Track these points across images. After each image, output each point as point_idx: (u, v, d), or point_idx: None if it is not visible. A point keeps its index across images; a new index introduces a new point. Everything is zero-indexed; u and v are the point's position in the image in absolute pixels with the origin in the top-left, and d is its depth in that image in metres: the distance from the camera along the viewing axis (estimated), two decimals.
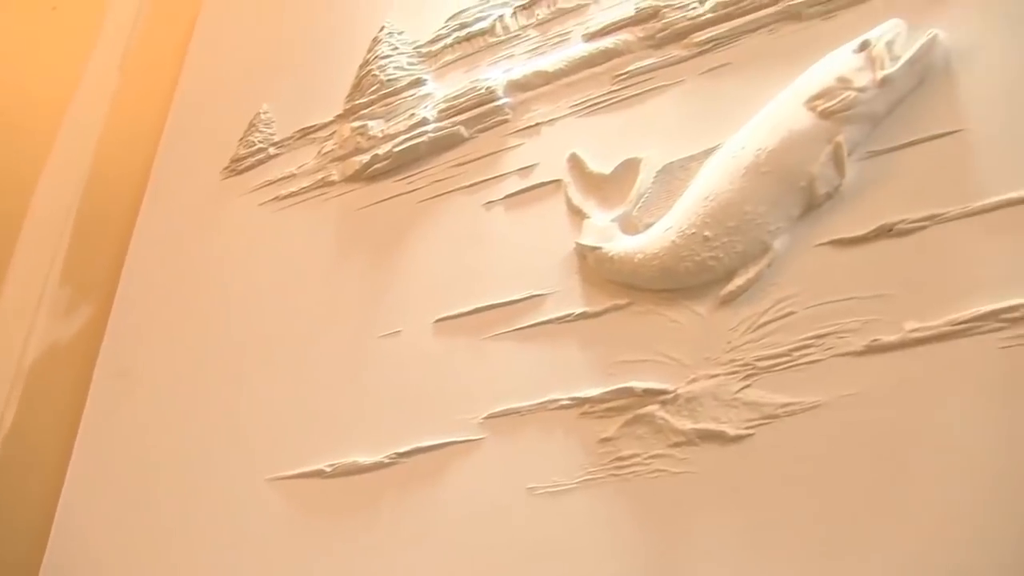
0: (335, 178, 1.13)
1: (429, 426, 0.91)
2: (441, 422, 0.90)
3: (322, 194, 1.13)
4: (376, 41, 1.17)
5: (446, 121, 1.05)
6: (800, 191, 0.79)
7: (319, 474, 0.95)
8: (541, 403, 0.85)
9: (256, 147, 1.23)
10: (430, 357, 0.94)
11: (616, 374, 0.82)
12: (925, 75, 0.80)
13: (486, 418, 0.88)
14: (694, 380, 0.79)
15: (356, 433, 0.95)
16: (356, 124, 1.13)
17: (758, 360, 0.76)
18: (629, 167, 0.90)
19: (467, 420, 0.89)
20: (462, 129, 1.04)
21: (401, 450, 0.91)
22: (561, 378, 0.85)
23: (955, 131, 0.76)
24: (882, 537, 0.68)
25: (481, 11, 1.11)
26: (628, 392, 0.81)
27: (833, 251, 0.78)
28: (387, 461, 0.92)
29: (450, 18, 1.13)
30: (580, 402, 0.83)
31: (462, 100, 1.05)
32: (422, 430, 0.91)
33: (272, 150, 1.22)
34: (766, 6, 0.90)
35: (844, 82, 0.80)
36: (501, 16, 1.09)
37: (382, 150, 1.08)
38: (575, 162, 0.94)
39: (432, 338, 0.95)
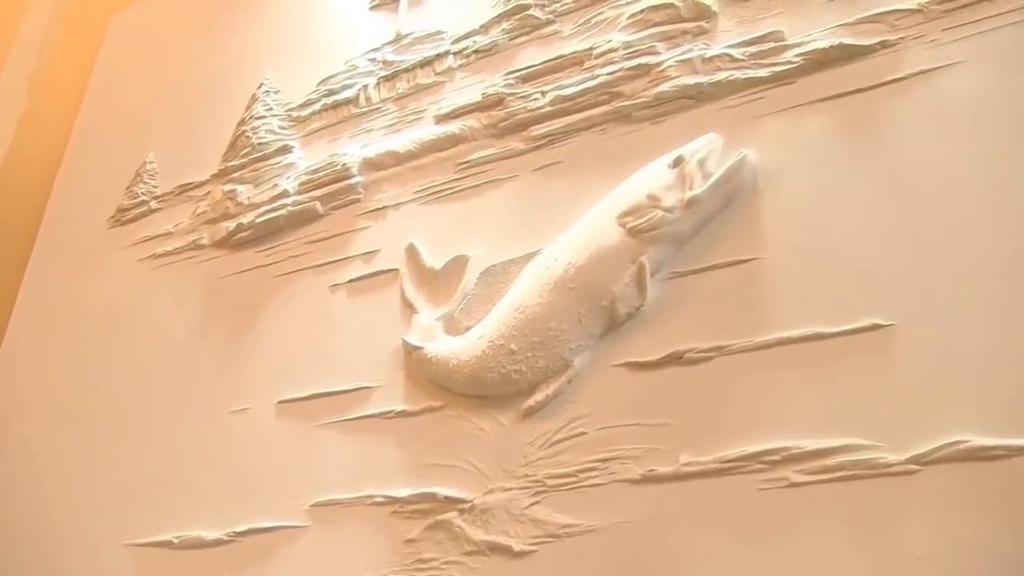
0: (205, 242, 1.15)
1: (264, 508, 0.95)
2: (275, 505, 0.94)
3: (192, 257, 1.16)
4: (254, 99, 1.18)
5: (304, 195, 1.07)
6: (602, 310, 0.81)
7: (168, 544, 0.99)
8: (359, 497, 0.88)
9: (139, 199, 1.25)
10: (271, 439, 0.98)
11: (425, 476, 0.86)
12: (733, 196, 0.80)
13: (312, 506, 0.91)
14: (490, 491, 0.81)
15: (202, 507, 0.99)
16: (227, 188, 1.14)
17: (548, 478, 0.79)
18: (458, 264, 0.92)
19: (297, 506, 0.92)
20: (318, 205, 1.06)
21: (239, 529, 0.95)
22: (378, 474, 0.88)
23: (752, 259, 0.77)
24: None
25: (349, 78, 1.11)
26: (432, 497, 0.84)
27: (628, 373, 0.79)
28: (226, 539, 0.96)
29: (321, 82, 1.14)
30: (392, 501, 0.86)
31: (320, 175, 1.06)
32: (258, 511, 0.95)
33: (154, 204, 1.24)
34: (600, 104, 0.91)
35: (653, 200, 0.80)
36: (366, 86, 1.09)
37: (247, 219, 1.10)
38: (412, 253, 0.96)
39: (275, 419, 0.98)
